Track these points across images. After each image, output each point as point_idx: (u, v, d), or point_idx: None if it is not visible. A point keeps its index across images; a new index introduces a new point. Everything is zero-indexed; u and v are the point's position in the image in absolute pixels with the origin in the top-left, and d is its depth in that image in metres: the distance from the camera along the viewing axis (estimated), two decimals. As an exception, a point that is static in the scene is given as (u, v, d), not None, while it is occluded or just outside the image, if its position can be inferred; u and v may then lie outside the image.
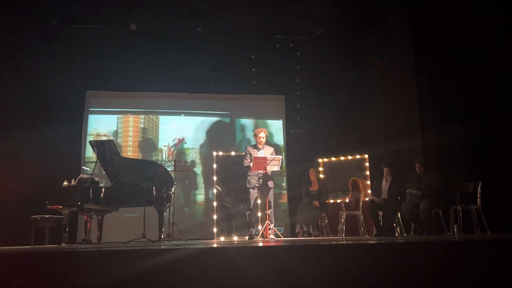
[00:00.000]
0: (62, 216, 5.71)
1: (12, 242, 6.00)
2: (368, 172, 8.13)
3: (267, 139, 6.41)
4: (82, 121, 8.50)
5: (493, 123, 6.59)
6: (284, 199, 8.81)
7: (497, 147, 6.53)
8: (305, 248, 3.37)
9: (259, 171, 6.05)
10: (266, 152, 6.20)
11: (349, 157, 8.41)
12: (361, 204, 7.01)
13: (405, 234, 6.54)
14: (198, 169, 8.72)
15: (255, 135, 6.32)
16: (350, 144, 8.48)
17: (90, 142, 6.24)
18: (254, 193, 6.10)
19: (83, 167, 7.90)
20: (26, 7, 7.62)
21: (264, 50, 9.13)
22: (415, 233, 6.17)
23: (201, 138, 8.90)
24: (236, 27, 8.68)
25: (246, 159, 6.21)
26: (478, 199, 5.95)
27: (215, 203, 7.15)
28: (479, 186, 5.97)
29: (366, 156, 8.23)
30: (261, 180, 6.07)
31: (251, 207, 6.07)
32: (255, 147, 6.26)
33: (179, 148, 8.74)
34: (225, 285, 3.00)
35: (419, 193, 6.09)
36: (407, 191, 6.23)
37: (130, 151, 8.60)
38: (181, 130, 8.87)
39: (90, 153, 8.09)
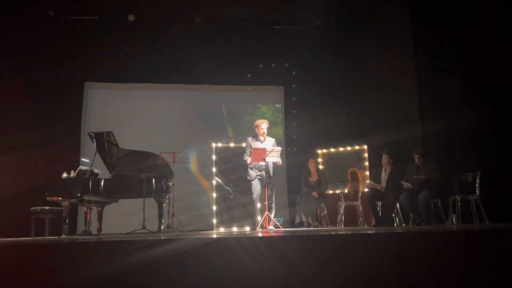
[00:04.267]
0: (62, 208, 5.71)
1: (12, 234, 6.02)
2: (367, 163, 8.15)
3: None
4: (80, 112, 8.48)
5: (492, 113, 6.60)
6: (284, 190, 8.82)
7: (496, 137, 6.54)
8: (304, 238, 3.38)
9: (261, 163, 6.02)
10: (267, 143, 6.16)
11: (348, 148, 8.43)
12: (360, 194, 7.03)
13: (403, 224, 6.57)
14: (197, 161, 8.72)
15: (257, 127, 6.19)
16: (349, 135, 8.49)
17: (89, 133, 6.22)
18: (255, 184, 6.08)
19: (82, 159, 7.89)
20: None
21: (263, 41, 9.08)
22: (414, 223, 6.19)
23: (200, 129, 8.88)
24: (235, 17, 8.63)
25: (246, 153, 6.16)
26: (477, 189, 5.96)
27: (214, 194, 7.16)
28: (478, 176, 5.98)
29: (365, 147, 8.25)
30: (263, 172, 6.05)
31: (253, 198, 6.07)
32: (257, 138, 6.20)
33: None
34: (224, 275, 3.01)
35: (409, 185, 6.10)
36: (402, 182, 6.23)
37: (128, 142, 8.58)
38: (179, 121, 8.86)
39: (89, 144, 8.09)
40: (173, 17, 8.55)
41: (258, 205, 6.14)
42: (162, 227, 6.06)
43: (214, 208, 7.16)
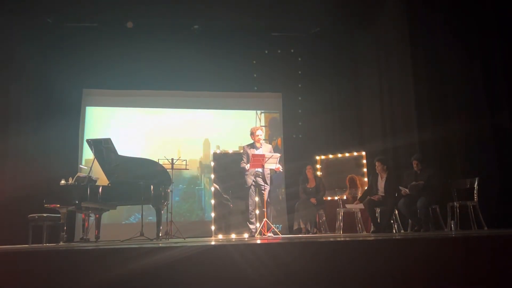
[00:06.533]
0: (59, 215, 5.69)
1: (9, 241, 5.99)
2: (365, 169, 8.14)
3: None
4: (79, 119, 8.48)
5: (489, 119, 6.62)
6: (282, 196, 8.81)
7: (493, 143, 6.55)
8: (303, 245, 3.38)
9: (256, 169, 6.04)
10: (264, 149, 6.17)
11: (347, 154, 8.43)
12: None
13: (402, 231, 6.56)
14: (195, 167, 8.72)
15: (252, 134, 6.24)
16: (348, 141, 8.50)
17: (87, 140, 6.21)
18: (252, 191, 6.10)
19: (80, 166, 7.87)
20: (22, 5, 7.59)
21: (261, 48, 9.12)
22: (413, 229, 6.18)
23: (198, 135, 8.88)
24: (233, 24, 8.67)
25: (243, 160, 6.19)
26: (475, 195, 5.97)
27: (213, 201, 7.15)
28: (476, 182, 5.99)
29: (364, 153, 8.25)
30: (259, 178, 6.06)
31: (250, 205, 6.08)
32: (253, 146, 6.22)
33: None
34: (223, 282, 3.00)
35: (407, 191, 6.10)
36: (400, 188, 6.23)
37: (127, 149, 8.58)
38: (178, 128, 8.86)
39: (87, 151, 8.08)
40: (172, 24, 8.58)
41: (256, 211, 6.14)
42: (160, 234, 6.04)
43: (213, 215, 7.14)
